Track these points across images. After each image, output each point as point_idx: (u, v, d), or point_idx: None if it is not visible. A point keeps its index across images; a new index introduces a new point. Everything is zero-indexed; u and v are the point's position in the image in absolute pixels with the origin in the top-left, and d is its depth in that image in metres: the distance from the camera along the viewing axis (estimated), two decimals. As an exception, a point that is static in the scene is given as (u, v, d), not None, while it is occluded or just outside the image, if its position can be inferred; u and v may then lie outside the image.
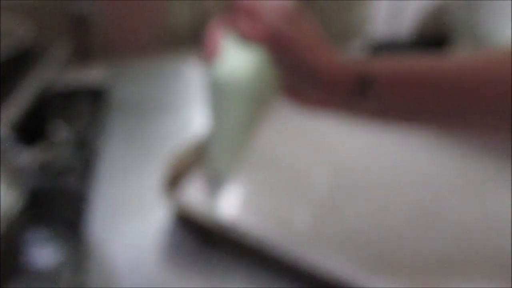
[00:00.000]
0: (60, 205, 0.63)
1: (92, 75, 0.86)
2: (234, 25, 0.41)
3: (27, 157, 0.51)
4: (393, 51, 1.01)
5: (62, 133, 0.71)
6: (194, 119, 0.76)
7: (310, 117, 0.45)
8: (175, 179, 0.58)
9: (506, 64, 0.38)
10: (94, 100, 0.82)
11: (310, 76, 0.41)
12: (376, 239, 0.54)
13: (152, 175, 0.60)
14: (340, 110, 0.43)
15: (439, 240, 0.54)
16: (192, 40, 0.95)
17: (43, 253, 0.58)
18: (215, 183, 0.49)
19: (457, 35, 0.86)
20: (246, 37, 0.40)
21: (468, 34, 0.81)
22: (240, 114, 0.43)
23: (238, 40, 0.41)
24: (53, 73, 0.73)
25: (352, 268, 0.48)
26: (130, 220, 0.58)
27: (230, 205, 0.56)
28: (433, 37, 1.04)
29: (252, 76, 0.41)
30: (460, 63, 0.40)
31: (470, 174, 0.64)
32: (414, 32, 1.05)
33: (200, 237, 0.55)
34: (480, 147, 0.66)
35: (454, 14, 0.86)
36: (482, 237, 0.55)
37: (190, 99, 0.82)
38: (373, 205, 0.58)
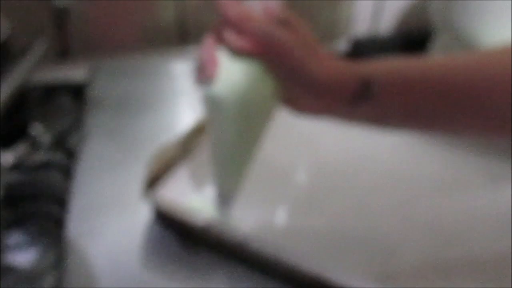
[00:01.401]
0: (40, 204, 0.63)
1: (73, 71, 0.85)
2: (224, 40, 0.39)
3: (5, 156, 0.50)
4: (375, 48, 1.02)
5: (41, 131, 0.70)
6: (177, 117, 0.76)
7: (292, 115, 0.44)
8: (155, 178, 0.58)
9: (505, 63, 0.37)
10: (75, 97, 0.81)
11: (309, 82, 0.39)
12: (358, 238, 0.54)
13: (134, 173, 0.60)
14: (340, 116, 0.41)
15: (421, 237, 0.55)
16: (175, 37, 0.95)
17: (23, 253, 0.57)
18: (224, 199, 0.49)
19: (437, 33, 0.87)
20: (238, 51, 0.38)
21: (448, 32, 0.82)
22: (241, 129, 0.42)
23: (231, 54, 0.39)
24: (31, 70, 0.72)
25: (333, 266, 0.49)
26: (110, 219, 0.58)
27: (211, 204, 0.56)
28: (413, 34, 1.05)
29: (249, 90, 0.40)
30: (465, 63, 0.39)
31: (452, 171, 0.65)
32: (395, 29, 1.06)
33: (181, 236, 0.55)
34: (461, 142, 0.67)
35: (434, 12, 0.87)
36: (467, 233, 0.56)
37: (173, 97, 0.81)
38: (356, 204, 0.59)
